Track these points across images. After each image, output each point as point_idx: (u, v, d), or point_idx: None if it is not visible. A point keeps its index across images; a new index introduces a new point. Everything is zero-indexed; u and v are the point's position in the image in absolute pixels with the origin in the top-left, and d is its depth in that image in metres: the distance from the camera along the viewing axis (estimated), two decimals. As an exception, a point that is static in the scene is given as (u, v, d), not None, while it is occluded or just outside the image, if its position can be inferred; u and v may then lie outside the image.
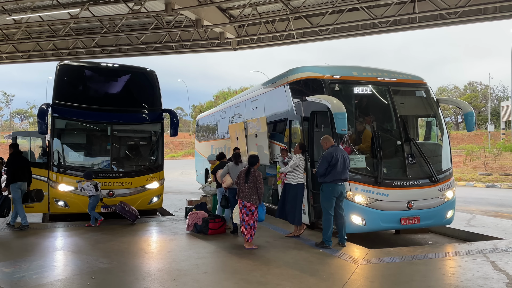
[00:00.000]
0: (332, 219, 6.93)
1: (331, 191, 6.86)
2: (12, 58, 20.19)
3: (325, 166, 6.83)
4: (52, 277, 5.41)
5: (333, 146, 7.00)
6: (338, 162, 6.78)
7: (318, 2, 14.06)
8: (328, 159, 6.80)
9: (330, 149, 6.93)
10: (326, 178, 6.85)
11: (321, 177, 6.93)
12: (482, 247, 6.95)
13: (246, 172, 7.09)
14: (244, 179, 7.03)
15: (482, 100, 58.14)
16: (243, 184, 7.05)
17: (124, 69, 10.68)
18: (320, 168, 6.92)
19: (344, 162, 6.85)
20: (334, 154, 6.80)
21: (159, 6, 13.79)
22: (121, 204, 9.21)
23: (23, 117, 74.70)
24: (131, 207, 9.31)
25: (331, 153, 6.82)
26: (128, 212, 9.17)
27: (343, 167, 6.84)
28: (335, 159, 6.77)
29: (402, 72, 8.71)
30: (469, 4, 12.69)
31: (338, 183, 6.85)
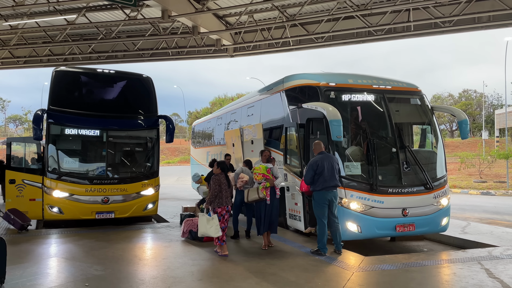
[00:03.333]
0: (325, 226, 6.91)
1: (322, 198, 6.86)
2: (7, 64, 20.14)
3: (311, 174, 6.86)
4: (45, 284, 5.37)
5: (321, 153, 7.02)
6: (324, 170, 6.79)
7: (314, 10, 14.17)
8: (313, 167, 6.85)
9: (317, 156, 6.97)
10: (315, 186, 6.87)
11: (311, 185, 6.96)
12: (477, 254, 6.96)
13: (226, 177, 7.32)
14: (227, 184, 7.24)
15: (476, 107, 58.54)
16: (227, 189, 7.18)
17: (120, 75, 10.68)
18: (306, 176, 6.99)
19: (332, 169, 6.84)
20: (320, 162, 6.83)
21: (155, 13, 13.84)
22: (8, 212, 8.88)
23: (18, 122, 74.37)
24: (21, 214, 8.95)
25: (316, 162, 6.86)
26: (13, 220, 8.81)
27: (331, 174, 6.82)
28: (321, 166, 6.79)
29: (397, 79, 8.77)
30: (463, 13, 12.84)
31: (328, 191, 6.84)
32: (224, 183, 7.12)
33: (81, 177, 9.55)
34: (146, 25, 15.78)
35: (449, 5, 12.84)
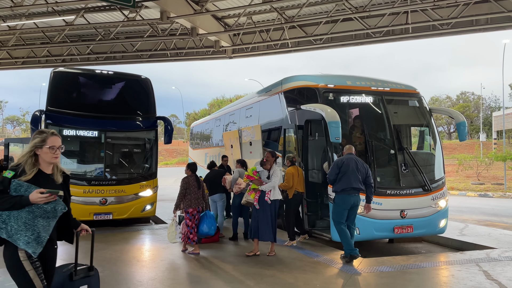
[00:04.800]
0: (345, 228, 6.54)
1: (343, 203, 6.53)
2: (5, 65, 20.10)
3: (335, 171, 6.56)
4: (43, 285, 5.33)
5: (349, 154, 6.74)
6: (349, 170, 6.48)
7: (313, 12, 14.19)
8: (338, 165, 6.56)
9: (344, 156, 6.73)
10: (337, 187, 6.56)
11: (333, 184, 6.69)
12: (475, 256, 6.97)
13: (196, 178, 7.38)
14: (196, 185, 7.31)
15: (474, 110, 58.72)
16: (196, 191, 7.29)
17: (119, 76, 10.67)
18: (330, 173, 6.68)
19: (357, 171, 6.51)
20: (346, 160, 6.55)
21: (154, 14, 13.84)
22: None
23: (15, 123, 74.20)
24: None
25: (342, 159, 6.60)
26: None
27: (356, 176, 6.49)
28: (346, 165, 6.50)
29: (396, 81, 8.80)
30: (461, 15, 12.88)
31: (350, 194, 6.51)
32: (194, 185, 7.28)
33: (79, 178, 9.52)
34: (145, 26, 15.77)
35: (447, 7, 12.88)
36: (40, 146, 3.05)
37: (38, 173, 3.02)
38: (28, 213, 2.90)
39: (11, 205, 2.85)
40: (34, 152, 3.04)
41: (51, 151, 3.07)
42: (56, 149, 3.10)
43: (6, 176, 2.94)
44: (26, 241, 2.89)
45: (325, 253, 7.09)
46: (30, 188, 2.90)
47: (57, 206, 3.00)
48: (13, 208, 2.87)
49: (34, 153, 3.04)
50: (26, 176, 2.95)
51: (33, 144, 3.05)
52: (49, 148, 3.06)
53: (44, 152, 3.05)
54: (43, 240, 2.95)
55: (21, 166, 2.99)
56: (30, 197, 2.85)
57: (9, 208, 2.86)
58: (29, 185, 2.92)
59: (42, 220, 2.95)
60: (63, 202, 3.05)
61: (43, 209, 2.93)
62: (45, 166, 3.09)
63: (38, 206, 2.91)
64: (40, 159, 3.07)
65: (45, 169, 3.09)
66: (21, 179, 2.93)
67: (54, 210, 2.99)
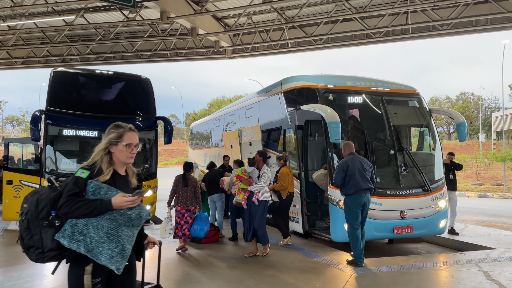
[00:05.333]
0: (359, 233, 6.40)
1: (355, 203, 6.38)
2: (5, 65, 20.09)
3: (341, 176, 6.38)
4: (43, 285, 5.35)
5: (352, 154, 6.56)
6: (355, 171, 6.32)
7: (313, 12, 14.20)
8: (343, 168, 6.37)
9: (347, 157, 6.51)
10: (348, 190, 6.37)
11: (341, 188, 6.51)
12: (474, 256, 6.97)
13: (183, 177, 7.46)
14: (182, 183, 7.39)
15: (474, 110, 58.76)
16: (183, 189, 7.41)
17: (119, 76, 10.66)
18: (335, 178, 6.50)
19: (363, 170, 6.38)
20: (350, 163, 6.36)
21: (154, 14, 13.84)
22: None
23: (15, 123, 74.16)
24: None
25: (346, 162, 6.40)
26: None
27: (363, 176, 6.35)
28: (351, 168, 6.32)
29: (395, 82, 8.81)
30: (461, 16, 12.89)
31: (361, 194, 6.36)
32: (181, 183, 7.43)
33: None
34: (145, 27, 15.78)
35: (447, 8, 12.89)
36: (115, 143, 2.62)
37: (113, 173, 2.60)
38: (110, 221, 2.43)
39: (89, 210, 2.38)
40: (108, 149, 2.62)
41: (127, 149, 2.63)
42: (133, 147, 2.67)
43: (81, 176, 2.48)
44: (110, 256, 2.41)
45: (325, 254, 7.09)
46: (111, 191, 2.47)
47: (142, 212, 2.54)
48: (91, 215, 2.39)
49: (108, 151, 2.62)
50: (104, 176, 2.51)
51: (108, 140, 2.62)
52: (125, 146, 2.62)
53: (119, 150, 2.63)
54: (127, 253, 2.50)
55: (96, 165, 2.56)
56: (113, 201, 2.41)
57: (86, 215, 2.39)
58: (109, 187, 2.48)
59: (126, 230, 2.49)
60: (146, 208, 2.62)
61: (127, 216, 2.47)
62: (119, 166, 2.67)
63: (121, 213, 2.45)
64: (114, 157, 2.64)
65: (119, 169, 2.68)
66: (98, 179, 2.49)
67: (139, 217, 2.53)
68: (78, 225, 2.40)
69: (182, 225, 7.36)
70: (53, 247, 2.43)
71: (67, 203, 2.39)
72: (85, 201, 2.41)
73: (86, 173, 2.50)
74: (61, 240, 2.39)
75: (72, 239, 2.39)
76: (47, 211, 2.45)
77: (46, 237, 2.43)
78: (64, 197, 2.41)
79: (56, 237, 2.40)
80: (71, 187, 2.44)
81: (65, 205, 2.39)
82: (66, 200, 2.40)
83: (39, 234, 2.44)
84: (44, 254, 2.46)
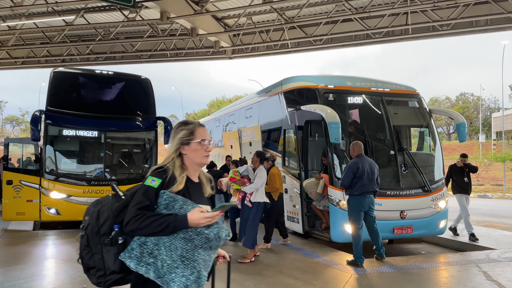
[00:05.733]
0: (361, 233, 6.42)
1: (359, 204, 6.41)
2: (5, 65, 20.07)
3: (350, 177, 6.38)
4: (43, 285, 5.34)
5: (360, 155, 6.56)
6: (365, 173, 6.33)
7: (313, 12, 14.20)
8: (353, 170, 6.36)
9: (356, 159, 6.50)
10: (354, 191, 6.39)
11: (347, 189, 6.53)
12: (474, 257, 6.98)
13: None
14: None
15: (473, 111, 58.77)
16: None
17: (118, 77, 10.67)
18: (344, 179, 6.49)
19: (372, 173, 6.41)
20: (360, 165, 6.37)
21: (154, 15, 13.84)
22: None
23: (14, 123, 74.14)
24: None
25: (357, 163, 6.39)
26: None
27: (371, 178, 6.39)
28: (362, 170, 6.33)
29: (395, 82, 8.81)
30: (461, 16, 12.89)
31: (366, 196, 6.40)
32: None
33: (78, 178, 9.53)
34: (145, 27, 15.77)
35: (447, 8, 12.89)
36: (187, 142, 2.21)
37: (186, 181, 2.18)
38: (185, 242, 2.03)
39: (161, 228, 1.98)
40: (179, 151, 2.22)
41: (202, 146, 2.23)
42: (208, 144, 2.26)
43: (151, 186, 2.07)
44: (184, 285, 2.01)
45: (324, 254, 7.09)
46: (186, 204, 2.06)
47: (221, 232, 2.11)
48: (163, 233, 1.99)
49: (179, 153, 2.22)
50: (177, 184, 2.11)
51: (178, 139, 2.22)
52: (199, 143, 2.22)
53: (192, 150, 2.21)
54: (203, 281, 2.13)
55: (168, 171, 2.14)
56: (190, 217, 2.00)
57: (157, 233, 1.99)
58: (185, 199, 2.08)
59: (203, 252, 2.08)
60: (225, 226, 2.17)
61: (205, 235, 2.05)
62: (192, 171, 2.24)
63: (198, 231, 2.04)
64: (186, 160, 2.22)
65: (193, 175, 2.25)
66: (171, 189, 2.09)
67: (217, 238, 2.09)
68: (148, 244, 2.01)
69: None
70: (116, 269, 2.07)
71: (135, 218, 1.99)
72: (157, 217, 2.00)
73: (158, 181, 2.08)
74: (127, 262, 2.01)
75: (140, 261, 2.01)
76: (109, 226, 2.08)
77: (108, 257, 2.07)
78: (132, 211, 2.02)
79: (121, 258, 2.03)
80: (140, 199, 2.04)
81: (133, 220, 1.99)
82: (135, 215, 2.00)
83: (100, 252, 2.08)
84: (106, 277, 2.10)
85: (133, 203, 2.05)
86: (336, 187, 7.28)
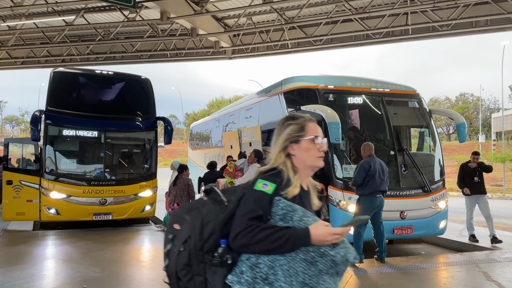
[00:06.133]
0: (363, 234, 6.46)
1: (370, 204, 6.43)
2: (5, 65, 20.08)
3: (363, 175, 6.41)
4: (43, 286, 5.34)
5: (371, 155, 6.60)
6: (376, 173, 6.39)
7: (313, 13, 14.20)
8: (366, 168, 6.41)
9: (368, 158, 6.57)
10: (365, 190, 6.42)
11: (359, 188, 6.53)
12: (474, 257, 6.98)
13: (176, 178, 7.72)
14: (173, 183, 7.66)
15: (473, 111, 58.80)
16: (172, 187, 7.72)
17: (118, 77, 10.67)
18: (357, 177, 6.50)
19: (383, 173, 6.48)
20: (372, 164, 6.42)
21: (154, 15, 13.84)
22: None
23: (14, 123, 74.12)
24: None
25: (369, 162, 6.45)
26: None
27: (382, 178, 6.46)
28: (374, 169, 6.39)
29: (395, 82, 8.81)
30: (461, 17, 12.90)
31: (376, 196, 6.47)
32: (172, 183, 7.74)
33: (78, 179, 9.53)
34: (145, 27, 15.77)
35: (447, 9, 12.89)
36: (296, 139, 1.83)
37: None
38: (307, 265, 1.63)
39: (279, 244, 1.60)
40: (287, 151, 1.84)
41: (315, 145, 1.84)
42: (321, 142, 1.87)
43: (264, 191, 1.69)
44: None
45: (325, 254, 7.08)
46: (307, 216, 1.67)
47: (349, 254, 1.67)
48: (280, 250, 1.61)
49: (287, 154, 1.84)
50: (293, 188, 1.74)
51: (287, 135, 1.84)
52: (311, 141, 1.83)
53: (303, 149, 1.82)
54: None
55: (282, 174, 1.76)
56: (313, 232, 1.61)
57: (273, 250, 1.61)
58: (304, 210, 1.70)
59: (329, 280, 1.67)
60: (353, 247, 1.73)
61: (330, 258, 1.64)
62: (303, 175, 1.84)
63: (321, 252, 1.63)
64: (296, 162, 1.83)
65: (303, 181, 1.86)
66: (286, 195, 1.71)
67: (345, 261, 1.67)
68: (261, 266, 1.62)
69: None
70: None
71: (247, 231, 1.62)
72: (273, 230, 1.62)
73: (271, 186, 1.70)
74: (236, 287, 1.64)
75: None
76: (215, 241, 1.69)
77: (213, 280, 1.67)
78: (243, 222, 1.65)
79: (228, 281, 1.65)
80: (251, 207, 1.67)
81: (244, 233, 1.62)
82: (246, 226, 1.63)
83: (203, 274, 1.68)
84: None
85: (242, 211, 1.67)
86: (336, 187, 7.28)
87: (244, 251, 1.66)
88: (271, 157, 1.84)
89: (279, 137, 1.86)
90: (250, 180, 1.77)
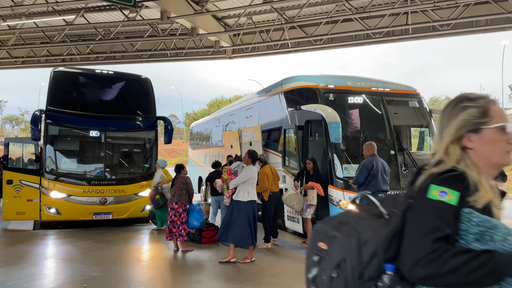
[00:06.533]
0: None
1: None
2: (5, 64, 20.08)
3: (365, 174, 6.45)
4: (43, 285, 5.34)
5: (374, 155, 6.62)
6: (379, 172, 6.42)
7: (313, 12, 14.20)
8: (368, 167, 6.44)
9: (370, 157, 6.58)
10: (367, 189, 6.34)
11: (360, 187, 6.54)
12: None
13: (174, 178, 7.70)
14: (172, 183, 7.64)
15: (473, 111, 58.79)
16: (170, 188, 7.68)
17: (119, 76, 10.67)
18: (359, 176, 6.54)
19: (385, 172, 6.51)
20: (375, 163, 6.45)
21: (154, 14, 13.83)
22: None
23: (14, 123, 74.13)
24: None
25: (372, 161, 6.48)
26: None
27: (384, 178, 6.49)
28: (376, 168, 6.42)
29: (396, 82, 8.83)
30: (461, 16, 12.90)
31: (378, 195, 6.50)
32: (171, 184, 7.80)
33: (79, 178, 9.54)
34: (145, 26, 15.77)
35: (447, 8, 12.89)
36: (476, 128, 1.36)
37: None
38: None
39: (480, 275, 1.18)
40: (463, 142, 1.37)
41: (505, 136, 1.36)
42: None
43: (446, 202, 1.24)
44: None
45: (325, 254, 7.08)
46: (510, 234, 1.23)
47: None
48: (481, 284, 1.19)
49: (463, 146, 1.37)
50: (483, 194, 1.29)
51: (463, 121, 1.37)
52: (499, 130, 1.35)
53: (486, 140, 1.35)
54: None
55: (465, 176, 1.30)
56: None
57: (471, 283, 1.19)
58: (507, 226, 1.25)
59: None
60: None
61: None
62: (486, 175, 1.37)
63: None
64: (474, 157, 1.36)
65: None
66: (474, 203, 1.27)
67: None
68: None
69: (178, 225, 7.30)
70: None
71: (433, 257, 1.20)
72: (469, 255, 1.19)
73: (454, 195, 1.25)
74: None
75: None
76: (378, 266, 1.28)
77: None
78: (425, 244, 1.21)
79: None
80: (434, 224, 1.23)
81: (429, 260, 1.20)
82: (432, 251, 1.20)
83: None
84: None
85: (420, 229, 1.24)
86: (336, 186, 7.28)
87: (427, 284, 1.23)
88: (437, 150, 1.40)
89: (451, 123, 1.38)
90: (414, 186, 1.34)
